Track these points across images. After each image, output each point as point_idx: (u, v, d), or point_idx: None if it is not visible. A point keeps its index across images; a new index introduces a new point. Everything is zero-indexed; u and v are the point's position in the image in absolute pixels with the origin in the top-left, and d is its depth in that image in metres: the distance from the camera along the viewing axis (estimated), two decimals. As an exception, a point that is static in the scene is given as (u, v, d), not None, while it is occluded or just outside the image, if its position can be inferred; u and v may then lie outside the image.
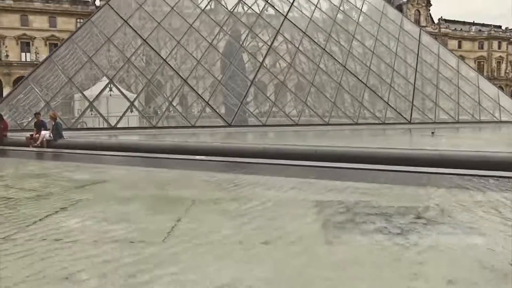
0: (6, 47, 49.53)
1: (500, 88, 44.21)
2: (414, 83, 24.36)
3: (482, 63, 71.06)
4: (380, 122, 21.62)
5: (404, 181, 5.23)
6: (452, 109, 24.98)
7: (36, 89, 18.27)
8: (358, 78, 23.04)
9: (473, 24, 75.43)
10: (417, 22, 60.74)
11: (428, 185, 4.87)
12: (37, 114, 13.45)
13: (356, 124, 20.75)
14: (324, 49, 22.95)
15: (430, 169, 5.92)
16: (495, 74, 69.75)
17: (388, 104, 22.48)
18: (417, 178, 5.39)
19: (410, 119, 22.25)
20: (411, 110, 22.83)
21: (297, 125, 19.51)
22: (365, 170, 6.13)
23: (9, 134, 13.26)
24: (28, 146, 11.87)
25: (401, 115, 22.35)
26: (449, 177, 5.34)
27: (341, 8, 25.91)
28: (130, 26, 20.41)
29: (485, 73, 64.64)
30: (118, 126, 17.08)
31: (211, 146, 10.56)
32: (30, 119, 16.57)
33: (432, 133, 16.51)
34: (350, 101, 23.69)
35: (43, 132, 12.12)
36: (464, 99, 26.04)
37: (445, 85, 25.94)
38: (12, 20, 49.73)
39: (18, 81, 42.73)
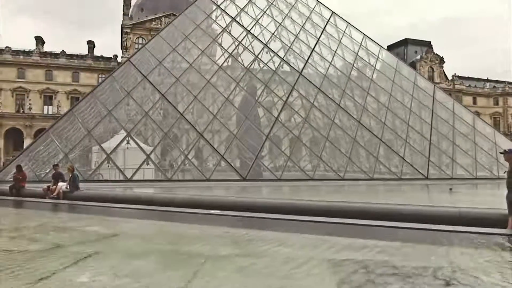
0: (30, 100, 51.43)
1: (518, 144, 43.55)
2: (430, 138, 24.25)
3: (498, 119, 70.90)
4: (397, 177, 21.34)
5: (424, 239, 5.07)
6: (470, 165, 24.61)
7: (56, 141, 18.68)
8: (373, 133, 23.07)
9: (487, 80, 76.09)
10: (430, 78, 61.54)
11: (449, 244, 4.71)
12: (55, 166, 13.67)
13: (372, 179, 20.51)
14: (338, 105, 23.21)
15: (450, 227, 5.75)
16: (512, 130, 69.28)
17: (404, 160, 22.30)
18: (437, 236, 5.22)
19: (427, 175, 21.93)
20: (428, 165, 22.56)
21: (312, 179, 19.37)
22: (383, 227, 5.98)
23: (26, 185, 13.44)
24: (45, 198, 11.97)
25: (418, 171, 22.08)
26: (470, 235, 5.17)
27: (355, 65, 26.46)
28: (149, 81, 21.07)
29: (501, 129, 64.31)
30: (134, 178, 17.19)
31: (226, 200, 10.50)
32: (48, 171, 16.80)
33: (450, 189, 16.19)
34: (365, 156, 23.58)
35: (60, 184, 12.25)
36: (482, 155, 25.71)
37: (461, 141, 25.75)
38: (37, 75, 52.05)
39: (39, 132, 43.90)
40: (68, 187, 12.12)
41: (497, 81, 76.23)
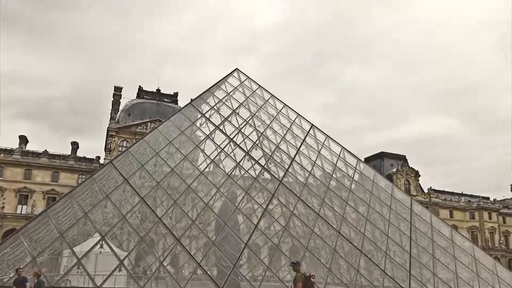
0: (4, 198, 50.16)
1: (497, 259, 43.59)
2: (410, 251, 24.01)
3: (475, 233, 71.47)
4: (379, 291, 20.69)
5: None
6: (451, 280, 24.11)
7: (25, 243, 17.86)
8: (353, 244, 22.80)
9: (462, 194, 78.25)
10: (407, 191, 63.01)
11: None
12: (18, 270, 12.94)
13: (353, 292, 19.82)
14: (318, 214, 23.21)
15: None
16: (490, 244, 69.56)
17: (385, 273, 21.80)
18: None
19: (409, 290, 21.34)
20: (409, 279, 22.03)
21: (291, 292, 18.60)
22: None
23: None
24: (4, 305, 11.15)
25: (399, 285, 21.49)
26: None
27: (333, 175, 27.06)
28: (129, 184, 20.98)
29: (479, 243, 64.60)
30: (104, 286, 16.23)
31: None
32: (11, 275, 15.83)
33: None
34: (346, 267, 23.02)
35: (23, 290, 11.50)
36: (462, 269, 25.39)
37: (441, 255, 25.56)
38: (15, 173, 51.53)
39: (9, 233, 42.19)
40: (31, 294, 11.36)
41: (471, 196, 78.39)
